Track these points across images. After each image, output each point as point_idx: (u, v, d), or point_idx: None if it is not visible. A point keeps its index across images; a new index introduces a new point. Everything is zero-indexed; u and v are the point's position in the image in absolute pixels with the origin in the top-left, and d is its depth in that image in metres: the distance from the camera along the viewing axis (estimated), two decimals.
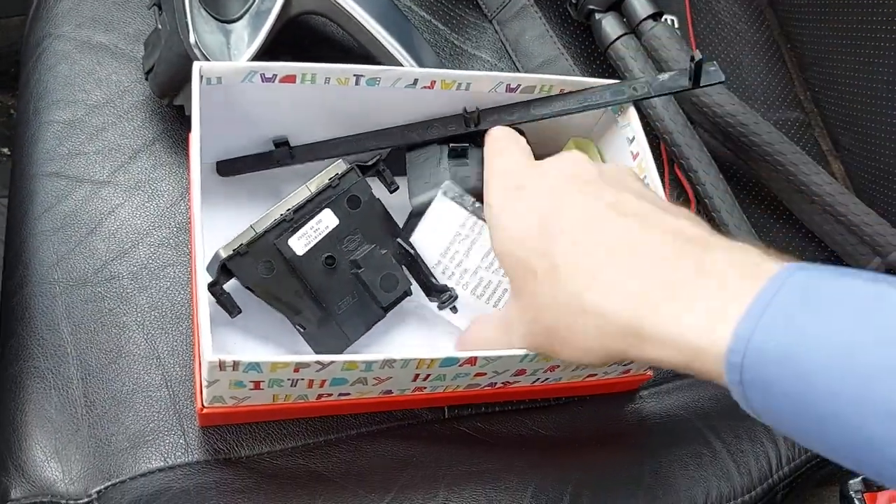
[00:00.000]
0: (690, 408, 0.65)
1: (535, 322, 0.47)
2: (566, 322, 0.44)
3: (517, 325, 0.49)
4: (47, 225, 0.63)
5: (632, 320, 0.40)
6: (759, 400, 0.35)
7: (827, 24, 0.81)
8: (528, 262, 0.46)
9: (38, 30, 0.73)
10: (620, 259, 0.42)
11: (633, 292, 0.40)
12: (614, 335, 0.41)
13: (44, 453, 0.55)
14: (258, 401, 0.53)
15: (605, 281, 0.42)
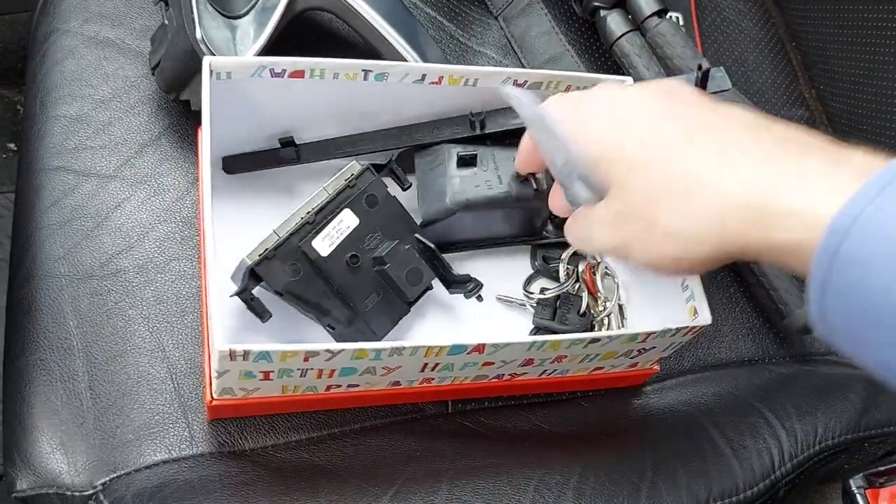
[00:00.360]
0: (694, 404, 0.65)
1: (636, 216, 0.42)
2: (677, 207, 0.40)
3: (617, 223, 0.43)
4: (54, 219, 0.63)
5: (756, 196, 0.37)
6: (844, 282, 0.33)
7: (832, 22, 0.81)
8: (629, 154, 0.42)
9: (44, 25, 0.73)
10: (742, 139, 0.39)
11: (758, 166, 0.37)
12: (735, 213, 0.38)
13: (50, 445, 0.55)
14: (267, 392, 0.53)
15: (728, 158, 0.39)
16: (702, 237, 0.39)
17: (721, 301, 0.71)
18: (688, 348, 0.68)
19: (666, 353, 0.60)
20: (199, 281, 0.62)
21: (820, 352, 0.71)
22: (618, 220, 0.42)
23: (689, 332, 0.56)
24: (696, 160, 0.39)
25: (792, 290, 0.68)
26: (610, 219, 0.42)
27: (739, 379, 0.67)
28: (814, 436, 0.62)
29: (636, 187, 0.41)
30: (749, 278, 0.71)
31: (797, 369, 0.69)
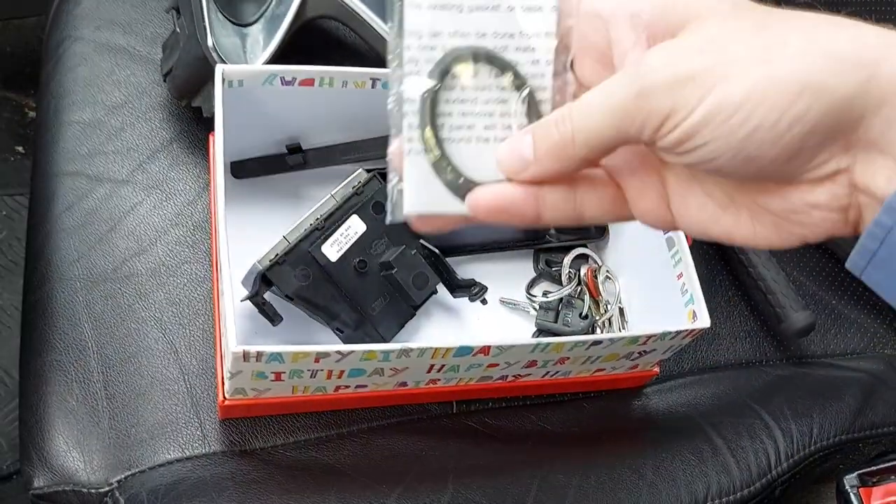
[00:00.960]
0: (693, 405, 0.66)
1: (749, 35, 0.31)
2: (812, 27, 0.31)
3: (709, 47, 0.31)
4: (68, 223, 0.65)
5: (872, 50, 0.29)
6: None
7: None
8: None
9: (57, 32, 0.75)
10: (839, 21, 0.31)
11: (869, 33, 0.30)
12: (875, 40, 0.30)
13: (66, 444, 0.57)
14: (278, 393, 0.55)
15: (831, 25, 0.31)
16: (848, 58, 0.29)
17: (720, 305, 0.73)
18: (687, 351, 0.70)
19: (666, 355, 0.61)
20: (210, 284, 0.64)
21: (816, 354, 0.73)
22: (713, 44, 0.31)
23: (688, 334, 0.57)
24: (813, 15, 0.32)
25: (789, 293, 0.70)
26: (695, 45, 0.31)
27: (737, 381, 0.69)
28: (809, 436, 0.64)
29: (746, 17, 0.32)
30: (747, 282, 0.72)
31: (793, 372, 0.71)
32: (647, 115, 0.31)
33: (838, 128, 0.30)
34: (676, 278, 0.61)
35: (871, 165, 0.30)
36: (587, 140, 0.32)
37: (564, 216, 0.36)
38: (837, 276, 0.76)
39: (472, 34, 0.35)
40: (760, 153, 0.30)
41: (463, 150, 0.36)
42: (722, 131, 0.30)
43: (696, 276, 0.59)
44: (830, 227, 0.32)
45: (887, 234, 0.29)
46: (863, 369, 0.71)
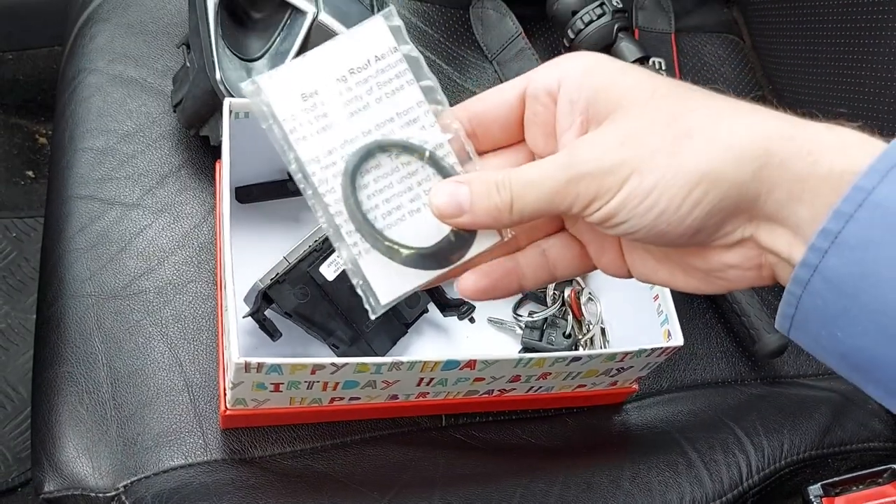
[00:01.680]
0: (670, 420, 0.70)
1: (663, 129, 0.35)
2: (721, 120, 0.35)
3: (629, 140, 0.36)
4: (81, 243, 0.69)
5: (765, 141, 0.33)
6: (843, 263, 0.32)
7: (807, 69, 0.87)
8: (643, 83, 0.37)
9: (73, 64, 0.80)
10: (740, 107, 0.36)
11: (764, 123, 0.34)
12: (777, 132, 0.34)
13: (76, 450, 0.60)
14: (276, 404, 0.58)
15: (733, 115, 0.35)
16: (743, 150, 0.33)
17: (697, 326, 0.76)
18: (665, 369, 0.73)
19: (643, 372, 0.65)
20: (214, 302, 0.68)
21: (788, 375, 0.77)
22: (631, 138, 0.35)
23: (662, 352, 0.61)
24: (720, 101, 0.36)
25: (762, 316, 0.74)
26: (616, 138, 0.36)
27: (713, 399, 0.72)
28: (780, 451, 0.67)
29: (661, 107, 0.36)
30: (723, 305, 0.76)
31: (766, 391, 0.74)
32: (576, 198, 0.36)
33: (737, 207, 0.34)
34: (653, 300, 0.65)
35: (772, 233, 0.34)
36: (522, 210, 0.37)
37: (541, 279, 0.42)
38: None
39: (359, 135, 0.39)
40: (669, 230, 0.35)
41: (403, 229, 0.40)
42: (635, 213, 0.35)
43: (670, 298, 0.62)
44: (749, 281, 0.37)
45: (798, 301, 0.33)
46: (833, 389, 0.74)
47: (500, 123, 0.41)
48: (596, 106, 0.37)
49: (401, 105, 0.40)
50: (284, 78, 0.39)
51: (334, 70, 0.39)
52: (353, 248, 0.39)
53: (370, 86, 0.40)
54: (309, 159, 0.39)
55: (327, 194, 0.39)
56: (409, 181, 0.40)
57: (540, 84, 0.39)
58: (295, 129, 0.39)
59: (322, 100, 0.39)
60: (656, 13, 0.92)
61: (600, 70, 0.38)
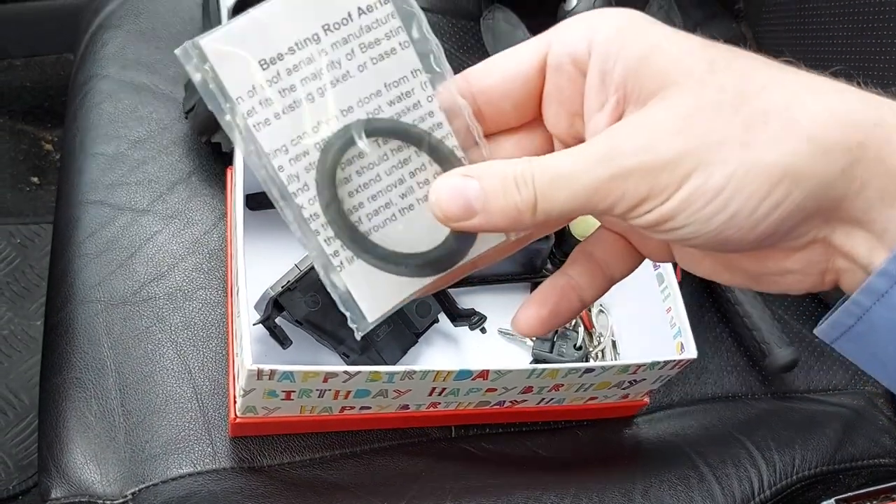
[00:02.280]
0: (681, 434, 0.69)
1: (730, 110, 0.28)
2: (797, 100, 0.28)
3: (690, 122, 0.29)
4: (91, 248, 0.68)
5: (856, 131, 0.28)
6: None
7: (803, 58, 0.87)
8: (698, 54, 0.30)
9: (85, 70, 0.79)
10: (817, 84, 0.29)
11: (849, 106, 0.29)
12: (862, 111, 0.28)
13: (83, 457, 0.60)
14: (287, 412, 0.58)
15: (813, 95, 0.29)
16: (831, 141, 0.28)
17: (708, 340, 0.76)
18: (676, 383, 0.73)
19: (655, 385, 0.65)
20: (223, 308, 0.67)
21: (799, 390, 0.76)
22: (690, 123, 0.28)
23: (675, 365, 0.61)
24: (792, 76, 0.29)
25: (773, 330, 0.74)
26: (671, 123, 0.29)
27: (723, 413, 0.72)
28: (791, 466, 0.67)
29: (724, 83, 0.29)
30: (734, 319, 0.76)
31: (777, 405, 0.74)
32: (621, 198, 0.29)
33: (818, 208, 0.29)
34: (666, 312, 0.64)
35: (850, 237, 0.29)
36: (549, 210, 0.30)
37: (600, 287, 0.36)
38: (821, 316, 0.79)
39: (338, 115, 0.31)
40: (736, 237, 0.29)
41: (392, 230, 0.32)
42: (698, 217, 0.29)
43: (683, 310, 0.62)
44: (806, 287, 0.32)
45: (866, 312, 0.29)
46: (844, 404, 0.74)
47: (513, 99, 0.33)
48: (638, 80, 0.30)
49: (391, 74, 0.31)
50: (236, 38, 0.29)
51: (303, 26, 0.30)
52: (334, 258, 0.32)
53: (351, 48, 0.30)
54: (274, 149, 0.30)
55: (299, 193, 0.31)
56: (399, 172, 0.32)
57: (564, 50, 0.31)
58: (254, 109, 0.30)
59: (288, 67, 0.30)
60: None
61: (640, 32, 0.30)
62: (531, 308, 0.34)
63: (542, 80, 0.33)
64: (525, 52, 0.33)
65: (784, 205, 0.28)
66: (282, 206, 0.31)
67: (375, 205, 0.32)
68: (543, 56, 0.32)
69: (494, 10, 0.88)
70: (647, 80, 0.30)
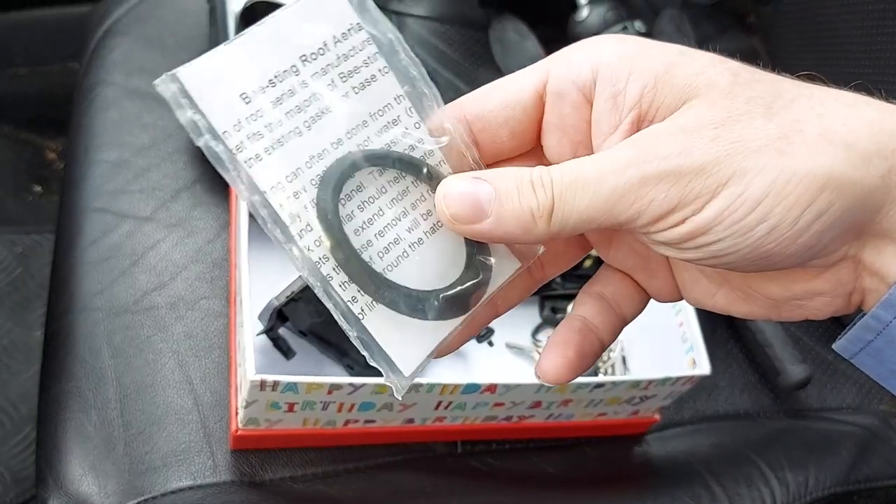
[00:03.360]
0: (692, 452, 0.68)
1: (763, 118, 0.27)
2: (829, 110, 0.28)
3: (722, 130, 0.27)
4: (93, 256, 0.67)
5: (889, 139, 0.27)
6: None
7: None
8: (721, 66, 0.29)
9: (90, 77, 0.79)
10: (842, 95, 0.29)
11: (880, 115, 0.28)
12: (872, 149, 0.27)
13: (81, 468, 0.58)
14: (289, 425, 0.57)
15: (841, 105, 0.28)
16: (868, 148, 0.27)
17: (719, 357, 0.75)
18: (687, 400, 0.72)
19: (666, 401, 0.63)
20: (226, 319, 0.66)
21: (812, 408, 0.75)
22: (724, 130, 0.27)
23: (688, 381, 0.59)
24: (816, 90, 0.29)
25: (786, 347, 0.72)
26: (704, 129, 0.27)
27: (735, 431, 0.71)
28: (805, 486, 0.65)
29: (752, 93, 0.28)
30: (745, 335, 0.75)
31: (790, 424, 0.72)
32: (648, 205, 0.27)
33: (857, 220, 0.28)
34: (678, 326, 0.63)
35: (881, 252, 0.28)
36: (566, 218, 0.28)
37: (614, 327, 0.34)
38: (834, 333, 0.78)
39: (328, 148, 0.29)
40: (777, 250, 0.27)
41: (407, 267, 0.30)
42: (737, 228, 0.27)
43: (696, 325, 0.61)
44: (833, 311, 0.31)
45: (885, 328, 0.28)
46: (858, 423, 0.72)
47: (511, 128, 0.32)
48: (658, 96, 0.28)
49: (375, 103, 0.30)
50: (215, 70, 0.28)
51: (281, 58, 0.28)
52: (353, 304, 0.29)
53: (331, 78, 0.29)
54: (270, 187, 0.28)
55: (304, 234, 0.28)
56: (401, 205, 0.30)
57: (568, 77, 0.30)
58: (242, 144, 0.28)
59: (271, 100, 0.28)
60: (677, 38, 0.91)
61: (650, 51, 0.29)
62: (556, 353, 0.32)
63: (541, 109, 0.32)
64: (523, 80, 0.31)
65: (828, 214, 0.27)
66: (287, 247, 0.28)
67: (385, 241, 0.30)
68: (542, 84, 0.31)
69: (503, 20, 0.88)
70: (668, 96, 0.28)
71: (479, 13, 0.90)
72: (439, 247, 0.30)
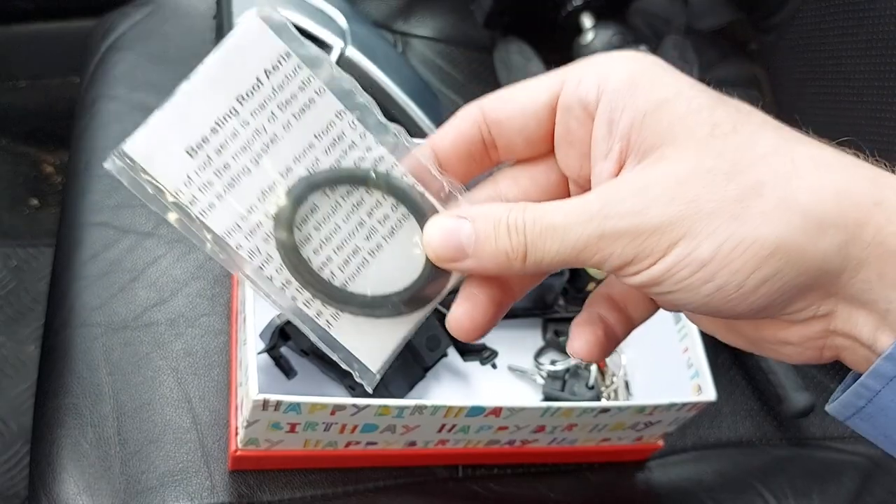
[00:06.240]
0: (696, 480, 0.67)
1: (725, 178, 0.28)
2: (797, 176, 0.28)
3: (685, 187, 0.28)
4: (92, 271, 0.67)
5: (854, 209, 0.27)
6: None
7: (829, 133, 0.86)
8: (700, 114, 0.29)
9: (94, 90, 0.78)
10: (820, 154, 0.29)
11: (851, 183, 0.28)
12: (858, 187, 0.28)
13: (76, 486, 0.57)
14: (290, 446, 0.56)
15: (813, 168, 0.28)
16: (826, 218, 0.27)
17: (722, 383, 0.74)
18: (690, 427, 0.71)
19: (670, 427, 0.62)
20: (226, 337, 0.65)
21: (815, 436, 0.74)
22: (683, 190, 0.28)
23: (693, 407, 0.59)
24: (796, 145, 0.29)
25: (790, 374, 0.72)
26: (665, 188, 0.28)
27: (739, 459, 0.70)
28: None
29: (723, 150, 0.28)
30: (748, 362, 0.74)
31: (793, 452, 0.72)
32: (609, 257, 0.29)
33: (813, 284, 0.28)
34: (682, 352, 0.63)
35: (851, 317, 0.29)
36: (538, 261, 0.30)
37: (625, 326, 0.35)
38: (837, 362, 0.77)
39: (278, 178, 0.31)
40: (727, 307, 0.29)
41: (368, 275, 0.33)
42: (684, 286, 0.28)
43: (702, 350, 0.60)
44: (804, 360, 0.31)
45: (875, 396, 0.28)
46: (860, 453, 0.72)
47: (525, 136, 0.33)
48: (640, 134, 0.30)
49: (317, 124, 0.31)
50: (157, 136, 0.30)
51: (218, 104, 0.30)
52: (319, 319, 0.32)
53: (270, 111, 0.30)
54: (226, 230, 0.30)
55: (265, 266, 0.31)
56: (357, 216, 0.32)
57: (575, 94, 0.31)
58: (195, 198, 0.30)
59: (216, 147, 0.30)
60: (680, 64, 0.91)
61: (649, 84, 0.30)
62: (586, 331, 0.34)
63: (553, 120, 0.33)
64: (538, 90, 0.33)
65: (773, 280, 0.28)
66: (252, 281, 0.31)
67: (343, 255, 0.32)
68: (556, 95, 0.32)
69: (508, 42, 0.88)
70: (649, 136, 0.30)
71: (483, 35, 0.90)
72: (400, 248, 0.33)
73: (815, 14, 0.86)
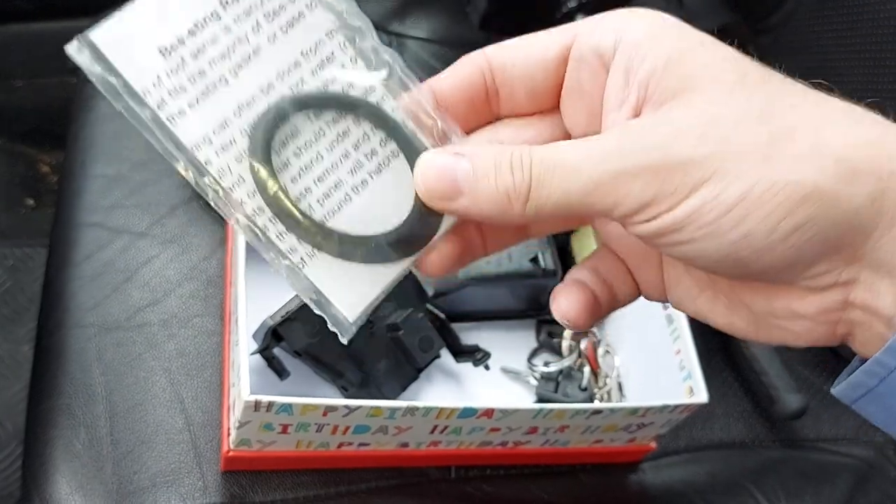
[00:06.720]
0: (688, 482, 0.67)
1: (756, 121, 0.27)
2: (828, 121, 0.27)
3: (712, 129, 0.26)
4: (86, 271, 0.67)
5: (889, 161, 0.26)
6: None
7: None
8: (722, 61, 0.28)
9: (89, 90, 0.78)
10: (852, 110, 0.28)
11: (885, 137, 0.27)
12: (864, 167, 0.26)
13: (69, 487, 0.57)
14: (282, 447, 0.56)
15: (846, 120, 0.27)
16: (860, 166, 0.26)
17: (715, 384, 0.74)
18: (683, 428, 0.71)
19: (663, 429, 0.63)
20: (219, 337, 0.65)
21: (808, 438, 0.74)
22: (712, 128, 0.26)
23: (686, 409, 0.59)
24: (827, 99, 0.28)
25: (782, 375, 0.72)
26: (692, 125, 0.27)
27: (732, 460, 0.70)
28: None
29: (753, 95, 0.27)
30: (741, 363, 0.74)
31: (786, 454, 0.72)
32: (624, 197, 0.27)
33: (842, 241, 0.26)
34: (675, 354, 0.63)
35: (874, 285, 0.27)
36: (542, 202, 0.28)
37: (609, 304, 0.33)
38: (830, 363, 0.78)
39: (258, 94, 0.28)
40: (752, 259, 0.26)
41: (350, 213, 0.29)
42: (709, 231, 0.26)
43: (694, 352, 0.60)
44: (814, 339, 0.29)
45: (889, 374, 0.27)
46: (854, 455, 0.72)
47: (530, 87, 0.31)
48: (662, 81, 0.27)
49: (306, 41, 0.28)
50: (128, 28, 0.27)
51: (199, 4, 0.27)
52: (293, 254, 0.28)
53: (255, 20, 0.28)
54: (195, 142, 0.27)
55: (235, 188, 0.28)
56: (342, 146, 0.29)
57: (589, 44, 0.30)
58: (163, 101, 0.27)
59: (192, 51, 0.27)
60: None
61: (672, 35, 0.28)
62: (571, 289, 0.31)
63: (562, 72, 0.31)
64: (549, 40, 0.31)
65: (805, 228, 0.26)
66: (219, 205, 0.28)
67: (324, 187, 0.29)
68: (567, 47, 0.30)
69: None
70: (671, 82, 0.28)
71: (479, 36, 0.90)
72: (387, 188, 0.29)
73: (809, 17, 0.86)
